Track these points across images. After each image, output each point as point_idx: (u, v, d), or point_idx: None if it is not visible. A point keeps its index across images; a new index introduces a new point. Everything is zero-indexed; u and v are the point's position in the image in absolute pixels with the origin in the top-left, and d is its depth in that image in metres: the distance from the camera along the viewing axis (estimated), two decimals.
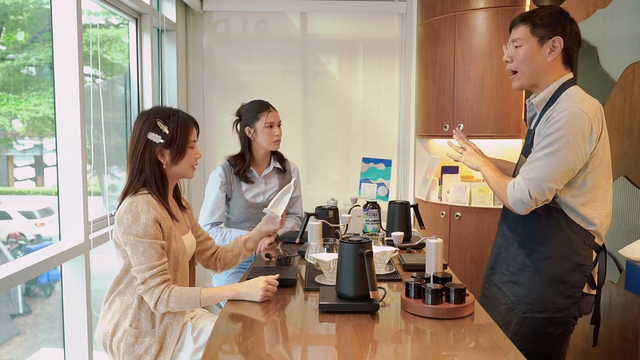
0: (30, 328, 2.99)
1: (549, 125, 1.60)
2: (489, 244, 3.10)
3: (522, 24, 1.70)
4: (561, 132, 1.56)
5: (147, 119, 1.67)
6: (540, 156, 1.60)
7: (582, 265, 1.66)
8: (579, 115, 1.55)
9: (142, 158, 1.66)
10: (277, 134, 2.45)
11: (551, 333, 1.69)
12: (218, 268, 1.98)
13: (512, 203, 1.64)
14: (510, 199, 1.64)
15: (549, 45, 1.66)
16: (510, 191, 1.64)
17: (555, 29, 1.65)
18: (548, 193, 1.60)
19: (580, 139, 1.55)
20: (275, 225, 1.98)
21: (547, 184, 1.58)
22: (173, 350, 1.64)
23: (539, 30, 1.66)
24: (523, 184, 1.61)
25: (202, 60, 3.93)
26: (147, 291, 1.57)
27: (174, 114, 1.69)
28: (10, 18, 2.45)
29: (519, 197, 1.61)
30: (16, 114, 2.50)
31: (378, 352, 1.27)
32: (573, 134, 1.55)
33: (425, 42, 3.45)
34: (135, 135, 1.67)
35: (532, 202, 1.60)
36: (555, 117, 1.59)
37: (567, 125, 1.55)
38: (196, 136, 1.75)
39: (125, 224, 1.58)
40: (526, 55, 1.68)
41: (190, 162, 1.73)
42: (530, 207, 1.62)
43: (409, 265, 1.93)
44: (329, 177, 4.11)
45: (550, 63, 1.67)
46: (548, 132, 1.59)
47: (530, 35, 1.67)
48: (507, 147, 3.33)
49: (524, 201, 1.61)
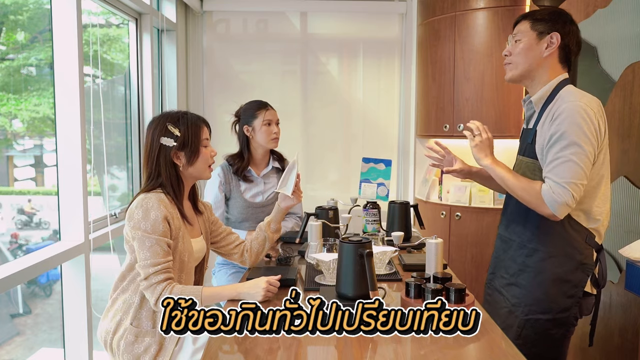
0: (30, 328, 2.99)
1: (557, 123, 1.59)
2: (489, 244, 3.10)
3: (524, 20, 1.75)
4: (574, 127, 1.57)
5: (158, 124, 1.69)
6: (566, 156, 1.57)
7: (584, 264, 1.66)
8: (585, 109, 1.57)
9: (158, 163, 1.68)
10: (275, 132, 2.45)
11: (554, 334, 1.68)
12: (248, 261, 1.95)
13: (554, 210, 1.59)
14: (552, 206, 1.59)
15: (547, 40, 1.69)
16: (550, 198, 1.59)
17: (554, 25, 1.69)
18: (582, 189, 1.59)
19: (593, 131, 1.57)
20: (291, 200, 1.95)
21: (581, 180, 1.58)
22: (172, 351, 1.64)
23: (538, 25, 1.70)
24: (562, 188, 1.57)
25: (202, 60, 3.93)
26: (149, 287, 1.57)
27: (183, 115, 1.71)
28: (10, 18, 2.45)
29: (563, 201, 1.57)
30: (16, 114, 2.50)
31: (378, 352, 1.27)
32: (586, 127, 1.56)
33: (425, 42, 3.45)
34: (149, 142, 1.69)
35: (574, 202, 1.59)
36: (560, 113, 1.59)
37: (577, 119, 1.57)
38: (208, 134, 1.76)
39: (135, 219, 1.59)
40: (524, 48, 1.71)
41: (207, 161, 1.74)
42: (572, 208, 1.61)
43: (409, 265, 1.93)
44: (329, 177, 4.11)
45: (546, 58, 1.70)
46: (560, 131, 1.58)
47: (529, 30, 1.71)
48: (507, 147, 3.33)
49: (568, 204, 1.58)
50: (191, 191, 1.82)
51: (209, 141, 1.76)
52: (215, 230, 1.92)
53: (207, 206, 1.91)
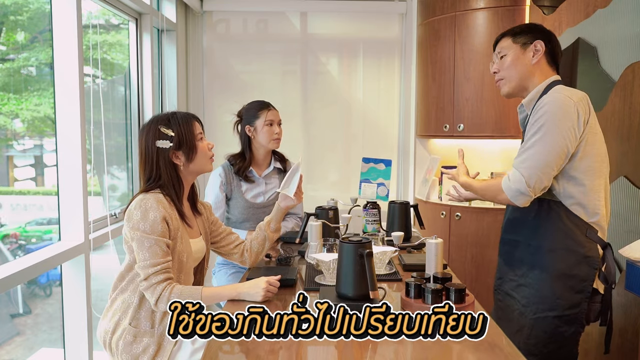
0: (30, 328, 2.99)
1: (535, 113, 1.63)
2: (489, 244, 3.10)
3: (503, 37, 1.81)
4: (547, 116, 1.59)
5: (150, 129, 1.69)
6: (531, 144, 1.61)
7: (588, 257, 1.65)
8: (562, 100, 1.60)
9: (158, 166, 1.68)
10: (277, 132, 2.45)
11: (564, 332, 1.66)
12: (248, 260, 1.95)
13: (510, 196, 1.64)
14: (508, 192, 1.64)
15: (532, 49, 1.74)
16: (506, 184, 1.64)
17: (534, 34, 1.76)
18: (545, 180, 1.60)
19: (567, 121, 1.58)
20: (291, 201, 1.95)
21: (544, 170, 1.59)
22: (171, 351, 1.64)
23: (519, 38, 1.77)
24: (518, 174, 1.61)
25: (202, 60, 3.93)
26: (149, 288, 1.57)
27: (173, 115, 1.71)
28: (10, 18, 2.45)
29: (517, 188, 1.61)
30: (17, 114, 2.50)
31: (378, 352, 1.27)
32: (559, 116, 1.58)
33: (425, 42, 3.45)
34: (143, 148, 1.70)
35: (531, 191, 1.60)
36: (539, 105, 1.63)
37: (552, 109, 1.59)
38: (201, 129, 1.76)
39: (134, 220, 1.60)
40: (511, 61, 1.76)
41: (206, 155, 1.75)
42: (529, 197, 1.62)
43: (409, 265, 1.93)
44: (329, 177, 4.11)
45: (535, 65, 1.74)
46: (534, 120, 1.62)
47: (512, 44, 1.77)
48: (507, 147, 3.33)
49: (522, 191, 1.60)
50: (190, 192, 1.82)
51: (203, 134, 1.76)
52: (215, 230, 1.92)
53: (206, 206, 1.91)
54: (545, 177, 1.59)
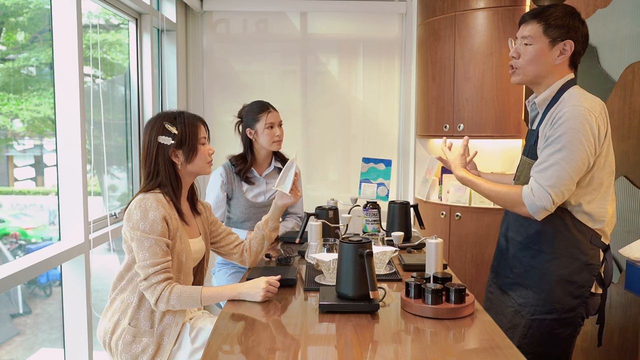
0: (30, 328, 2.99)
1: (556, 126, 1.58)
2: (489, 244, 3.10)
3: (535, 21, 1.64)
4: (570, 132, 1.54)
5: (155, 124, 1.69)
6: (556, 160, 1.57)
7: (590, 265, 1.64)
8: (584, 114, 1.54)
9: (157, 162, 1.68)
10: (277, 135, 2.45)
11: (560, 334, 1.67)
12: (247, 260, 1.95)
13: (533, 211, 1.60)
14: (531, 208, 1.60)
15: (560, 47, 1.63)
16: (529, 200, 1.60)
17: (568, 31, 1.62)
18: (567, 194, 1.59)
19: (590, 137, 1.54)
20: (288, 199, 1.95)
21: (567, 187, 1.57)
22: (170, 351, 1.64)
23: (552, 31, 1.62)
24: (544, 192, 1.57)
25: (202, 60, 3.93)
26: (148, 287, 1.57)
27: (180, 114, 1.72)
28: (10, 19, 2.45)
29: (542, 205, 1.58)
30: (17, 114, 2.50)
31: (378, 352, 1.27)
32: (582, 132, 1.54)
33: (425, 42, 3.45)
34: (146, 142, 1.70)
35: (554, 207, 1.59)
36: (561, 116, 1.57)
37: (575, 124, 1.54)
38: (206, 133, 1.77)
39: (134, 220, 1.60)
40: (535, 55, 1.64)
41: (205, 159, 1.74)
42: (550, 212, 1.61)
43: (409, 265, 1.93)
44: (329, 177, 4.11)
45: (557, 65, 1.65)
46: (557, 134, 1.57)
47: (542, 35, 1.63)
48: (507, 147, 3.33)
49: (547, 208, 1.58)
50: (190, 192, 1.82)
51: (206, 139, 1.76)
52: (215, 230, 1.92)
53: (206, 206, 1.91)
54: (568, 193, 1.59)
